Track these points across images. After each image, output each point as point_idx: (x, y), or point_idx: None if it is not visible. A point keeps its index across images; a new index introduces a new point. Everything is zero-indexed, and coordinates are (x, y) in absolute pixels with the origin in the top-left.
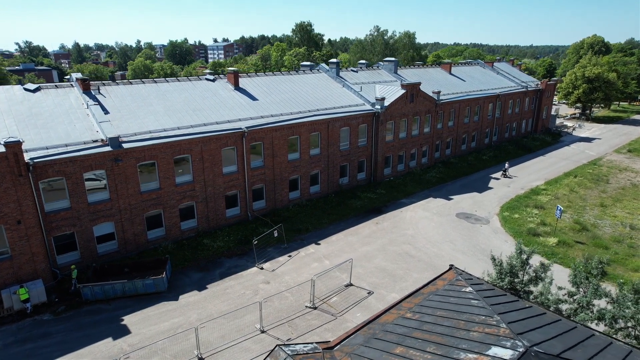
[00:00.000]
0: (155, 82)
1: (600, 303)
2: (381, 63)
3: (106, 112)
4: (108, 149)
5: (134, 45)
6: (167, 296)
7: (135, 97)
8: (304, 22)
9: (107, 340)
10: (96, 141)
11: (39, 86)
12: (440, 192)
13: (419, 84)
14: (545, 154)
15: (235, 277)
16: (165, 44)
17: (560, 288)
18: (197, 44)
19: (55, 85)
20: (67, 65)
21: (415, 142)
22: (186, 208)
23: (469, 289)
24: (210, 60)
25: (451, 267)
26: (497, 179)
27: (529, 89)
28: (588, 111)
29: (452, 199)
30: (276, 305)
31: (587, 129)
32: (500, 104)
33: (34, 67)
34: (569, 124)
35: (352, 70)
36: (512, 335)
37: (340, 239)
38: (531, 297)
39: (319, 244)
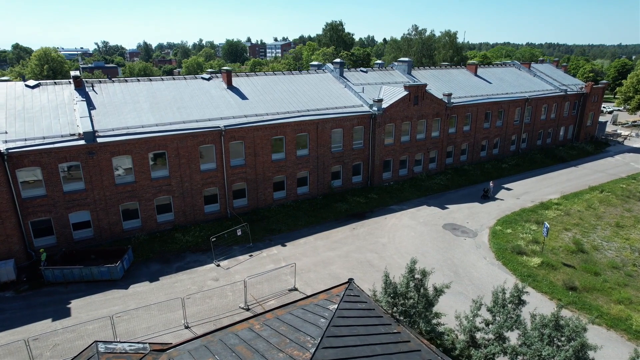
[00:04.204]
0: (150, 80)
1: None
2: (395, 64)
3: (93, 108)
4: (82, 142)
5: (197, 44)
6: (120, 284)
7: (126, 94)
8: (334, 22)
9: (46, 320)
10: (73, 135)
11: (39, 83)
12: (438, 200)
13: (425, 85)
14: (579, 165)
15: (189, 272)
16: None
17: (475, 315)
18: (259, 42)
19: (54, 82)
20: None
21: (421, 147)
22: (162, 202)
23: (333, 306)
24: (268, 58)
25: (349, 281)
26: (509, 189)
27: (568, 92)
28: None
29: (447, 208)
30: (214, 302)
31: None
32: (531, 109)
33: (103, 64)
34: (624, 132)
35: (361, 70)
36: None
37: (309, 242)
38: (434, 322)
39: (285, 245)
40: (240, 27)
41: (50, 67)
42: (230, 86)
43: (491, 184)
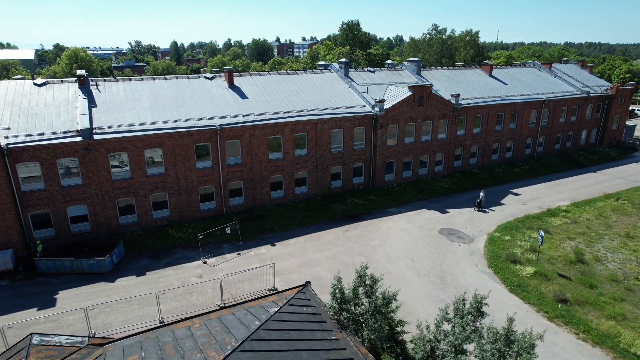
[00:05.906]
0: (154, 79)
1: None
2: (405, 64)
3: (94, 105)
4: (79, 139)
5: (226, 43)
6: (108, 277)
7: (128, 93)
8: (351, 21)
9: (32, 309)
10: (72, 132)
11: (47, 81)
12: (440, 203)
13: (430, 85)
14: (598, 170)
15: (175, 268)
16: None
17: (437, 325)
18: (287, 42)
19: (61, 81)
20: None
21: (427, 149)
22: (158, 198)
23: (274, 309)
24: (294, 56)
25: (305, 284)
26: (517, 194)
27: (591, 94)
28: None
29: (447, 212)
30: (193, 299)
31: None
32: (548, 111)
33: (133, 63)
34: None
35: (368, 70)
36: None
37: (299, 243)
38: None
39: (275, 245)
40: (271, 27)
41: (79, 65)
42: (231, 85)
43: (482, 194)
